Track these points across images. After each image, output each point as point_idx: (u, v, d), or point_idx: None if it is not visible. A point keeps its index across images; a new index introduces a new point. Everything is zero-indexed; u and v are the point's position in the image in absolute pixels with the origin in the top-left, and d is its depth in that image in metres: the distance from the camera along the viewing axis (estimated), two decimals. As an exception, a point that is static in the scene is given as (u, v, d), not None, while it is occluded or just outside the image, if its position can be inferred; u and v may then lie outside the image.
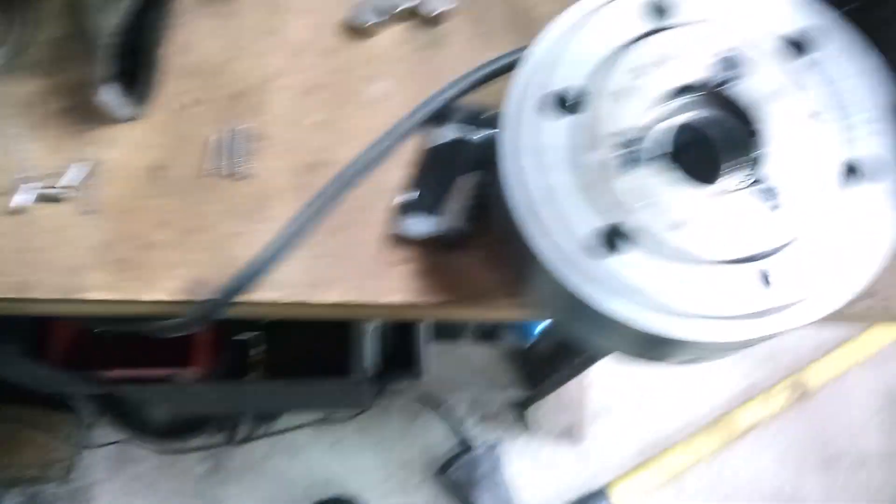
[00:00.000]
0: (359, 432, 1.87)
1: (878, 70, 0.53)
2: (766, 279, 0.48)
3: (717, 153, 0.54)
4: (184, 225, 0.61)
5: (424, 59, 0.66)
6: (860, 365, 1.93)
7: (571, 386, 1.97)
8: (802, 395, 1.89)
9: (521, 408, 1.87)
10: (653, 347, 0.53)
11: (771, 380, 1.91)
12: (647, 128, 0.52)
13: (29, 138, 0.64)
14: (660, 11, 0.54)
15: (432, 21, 0.67)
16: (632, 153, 0.51)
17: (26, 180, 0.62)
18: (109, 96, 0.60)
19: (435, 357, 1.56)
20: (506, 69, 0.62)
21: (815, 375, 1.90)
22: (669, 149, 0.52)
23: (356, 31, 0.66)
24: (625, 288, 0.48)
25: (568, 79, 0.52)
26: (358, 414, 1.73)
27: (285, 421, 1.83)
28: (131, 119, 0.63)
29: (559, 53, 0.53)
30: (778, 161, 0.51)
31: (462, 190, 0.60)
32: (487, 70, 0.63)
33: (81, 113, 0.64)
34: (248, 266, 0.59)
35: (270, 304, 0.60)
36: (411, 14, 0.67)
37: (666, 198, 0.50)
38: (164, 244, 0.61)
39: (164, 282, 0.60)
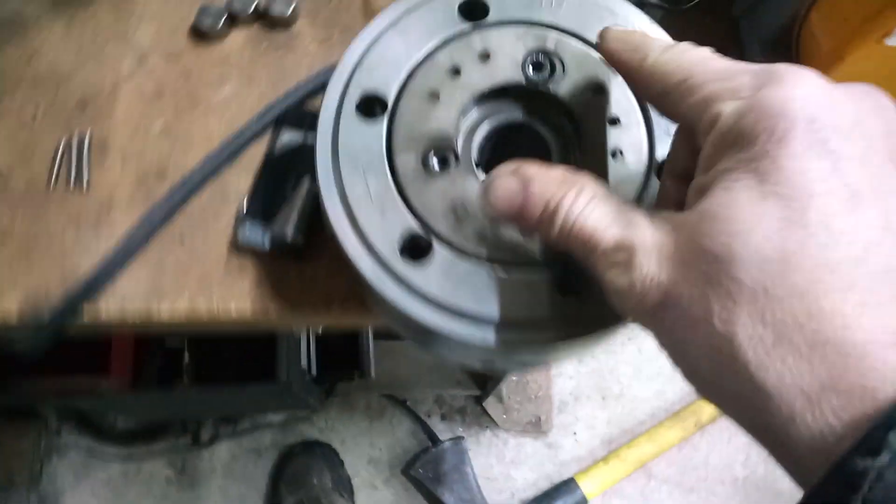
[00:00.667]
0: (324, 431, 1.87)
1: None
2: (574, 282, 0.47)
3: (535, 155, 0.52)
4: (23, 237, 0.60)
5: (273, 62, 0.65)
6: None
7: (537, 377, 1.96)
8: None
9: (480, 401, 1.86)
10: (469, 355, 0.52)
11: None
12: (461, 130, 0.51)
13: None
14: (477, 10, 0.52)
15: (282, 23, 0.65)
16: (444, 158, 0.49)
17: None
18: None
19: (386, 355, 1.55)
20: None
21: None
22: (478, 154, 0.51)
23: (203, 35, 0.65)
24: (432, 292, 0.47)
25: (383, 80, 0.51)
26: (313, 413, 1.72)
27: (250, 421, 1.83)
28: (-24, 131, 0.62)
29: (375, 53, 0.52)
30: (593, 162, 0.49)
31: (297, 199, 0.58)
32: (327, 76, 0.61)
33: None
34: (85, 280, 0.58)
35: (117, 317, 0.59)
36: (259, 17, 0.65)
37: (475, 203, 0.48)
38: (3, 259, 0.60)
39: (5, 298, 0.59)
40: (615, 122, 0.50)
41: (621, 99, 0.50)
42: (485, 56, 0.51)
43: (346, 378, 1.43)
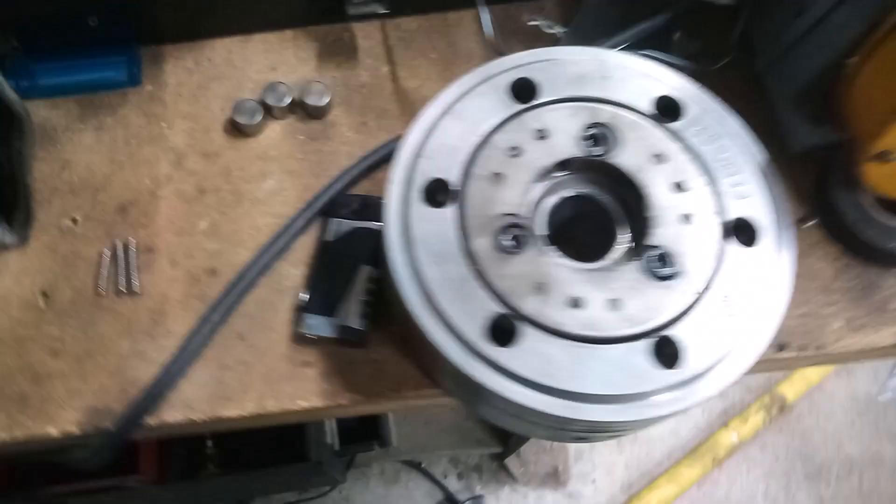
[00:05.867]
0: (341, 502, 1.82)
1: (744, 130, 0.53)
2: (669, 351, 0.47)
3: (602, 226, 0.53)
4: (78, 350, 0.59)
5: (312, 152, 0.65)
6: (834, 373, 1.92)
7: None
8: (781, 410, 1.87)
9: (500, 458, 1.83)
10: (564, 430, 0.51)
11: (747, 398, 1.90)
12: (529, 208, 0.51)
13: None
14: (526, 91, 0.53)
15: (317, 113, 0.66)
16: (516, 237, 0.49)
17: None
18: (-10, 230, 0.58)
19: (403, 421, 1.52)
20: (388, 157, 0.61)
21: (791, 389, 1.89)
22: (549, 229, 0.51)
23: (240, 130, 0.65)
24: (524, 373, 0.46)
25: (446, 166, 0.51)
26: (333, 488, 1.68)
27: (262, 501, 1.78)
28: (13, 247, 0.61)
29: (434, 140, 0.52)
30: (663, 228, 0.50)
31: (357, 285, 0.58)
32: (371, 160, 0.62)
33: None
34: (146, 390, 0.56)
35: (182, 424, 0.58)
36: (294, 109, 0.66)
37: (556, 279, 0.48)
38: (61, 374, 0.58)
39: (66, 414, 0.57)
40: (679, 187, 0.51)
41: (682, 164, 0.51)
42: (541, 134, 0.52)
43: (367, 449, 1.41)
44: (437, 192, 0.51)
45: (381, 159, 0.63)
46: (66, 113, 0.66)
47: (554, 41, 0.67)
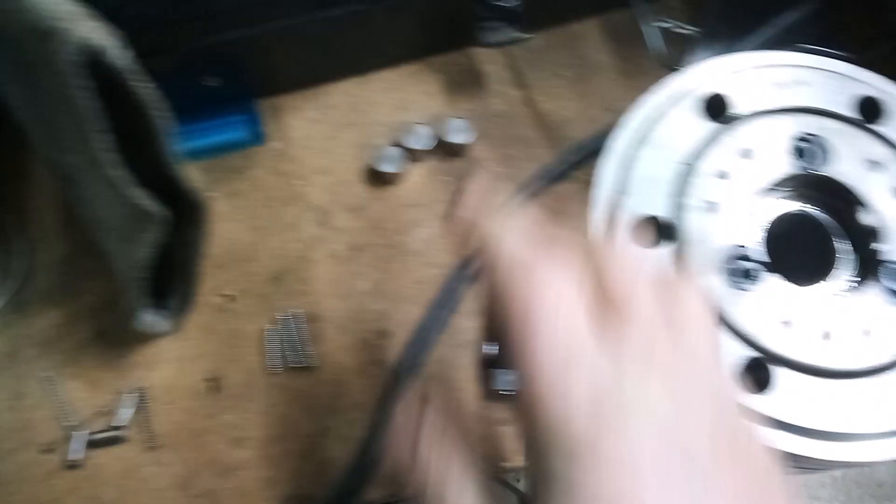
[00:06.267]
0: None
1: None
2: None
3: (820, 246, 0.51)
4: (261, 436, 0.56)
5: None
6: None
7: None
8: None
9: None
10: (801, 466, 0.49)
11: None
12: (750, 235, 0.49)
13: (64, 377, 0.58)
14: (719, 107, 0.51)
15: (458, 151, 0.62)
16: (746, 270, 0.47)
17: (75, 427, 0.56)
18: (147, 319, 0.55)
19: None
20: (550, 183, 0.59)
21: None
22: (768, 255, 0.49)
23: (381, 179, 0.62)
24: (787, 419, 0.44)
25: (653, 202, 0.48)
26: None
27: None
28: (168, 334, 0.58)
29: (633, 174, 0.49)
30: (894, 241, 0.48)
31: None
32: (528, 192, 0.59)
33: (114, 337, 0.59)
34: (348, 471, 0.54)
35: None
36: (434, 151, 0.63)
37: (800, 311, 0.46)
38: (247, 463, 0.55)
39: (261, 507, 0.54)
40: (900, 194, 0.48)
41: (897, 168, 0.49)
42: (747, 154, 0.49)
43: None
44: (650, 231, 0.48)
45: (537, 191, 0.60)
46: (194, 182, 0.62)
47: (686, 43, 0.64)
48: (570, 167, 0.61)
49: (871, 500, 1.67)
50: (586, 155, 0.60)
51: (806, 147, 0.50)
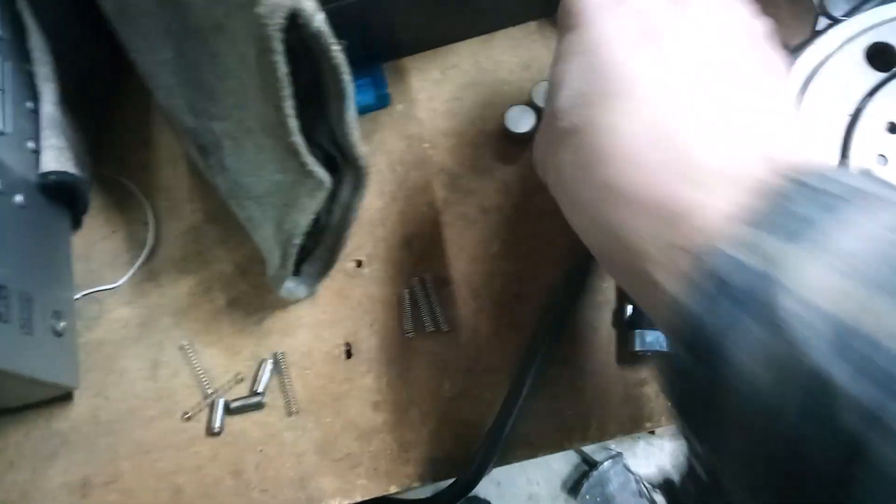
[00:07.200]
0: (491, 485, 1.81)
1: None
2: None
3: None
4: (399, 400, 0.56)
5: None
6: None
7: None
8: None
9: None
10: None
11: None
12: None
13: (201, 344, 0.58)
14: (886, 56, 0.48)
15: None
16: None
17: (217, 394, 0.57)
18: (288, 286, 0.54)
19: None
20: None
21: None
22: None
23: (510, 139, 0.60)
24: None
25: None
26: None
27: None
28: (305, 299, 0.58)
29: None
30: None
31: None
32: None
33: (249, 304, 0.59)
34: (490, 433, 0.53)
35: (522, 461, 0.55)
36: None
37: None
38: (386, 426, 0.55)
39: (401, 469, 0.54)
40: None
41: None
42: (921, 102, 0.47)
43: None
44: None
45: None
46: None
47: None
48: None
49: None
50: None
51: None
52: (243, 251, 0.60)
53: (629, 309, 0.55)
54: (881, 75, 0.48)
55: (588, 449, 1.83)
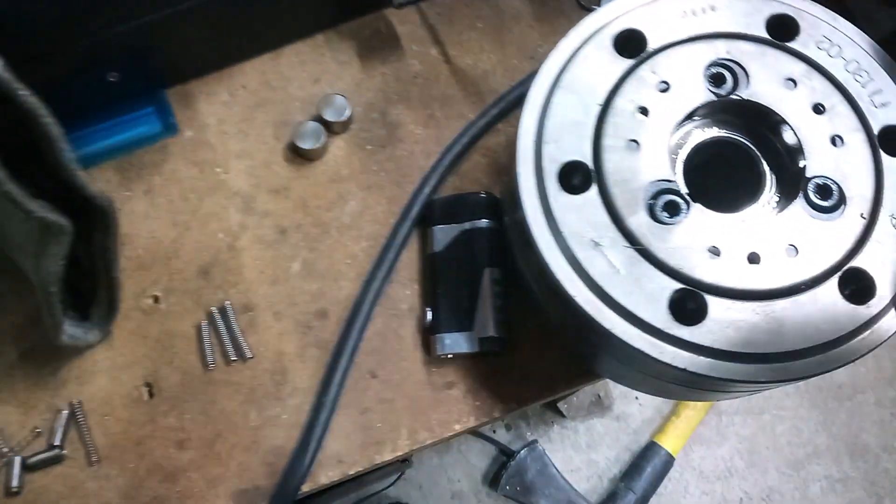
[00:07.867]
0: (397, 483, 1.80)
1: (860, 34, 0.50)
2: (859, 285, 0.44)
3: (744, 170, 0.50)
4: (204, 435, 0.54)
5: (385, 160, 0.60)
6: None
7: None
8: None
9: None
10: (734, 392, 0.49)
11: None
12: (672, 168, 0.47)
13: (-4, 401, 0.55)
14: (633, 42, 0.49)
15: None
16: (668, 203, 0.46)
17: (13, 452, 0.54)
18: (71, 331, 0.52)
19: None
20: (472, 143, 0.57)
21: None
22: (689, 186, 0.47)
23: (302, 156, 0.59)
24: (721, 346, 0.43)
25: (575, 146, 0.47)
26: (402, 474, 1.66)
27: None
28: (98, 343, 0.55)
29: (552, 121, 0.47)
30: (815, 157, 0.47)
31: (484, 290, 0.54)
32: (454, 152, 0.58)
33: (42, 354, 0.56)
34: (292, 457, 0.52)
35: (339, 476, 0.54)
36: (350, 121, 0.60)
37: (726, 238, 0.45)
38: (192, 464, 0.53)
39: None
40: (819, 109, 0.47)
41: (814, 84, 0.48)
42: (664, 86, 0.48)
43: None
44: (573, 176, 0.47)
45: (464, 149, 0.58)
46: (107, 182, 0.59)
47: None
48: (493, 121, 0.59)
49: (834, 402, 1.75)
50: (508, 107, 0.58)
51: (721, 73, 0.48)
52: (32, 302, 0.57)
53: (429, 314, 0.55)
54: (630, 62, 0.48)
55: (503, 439, 1.84)
